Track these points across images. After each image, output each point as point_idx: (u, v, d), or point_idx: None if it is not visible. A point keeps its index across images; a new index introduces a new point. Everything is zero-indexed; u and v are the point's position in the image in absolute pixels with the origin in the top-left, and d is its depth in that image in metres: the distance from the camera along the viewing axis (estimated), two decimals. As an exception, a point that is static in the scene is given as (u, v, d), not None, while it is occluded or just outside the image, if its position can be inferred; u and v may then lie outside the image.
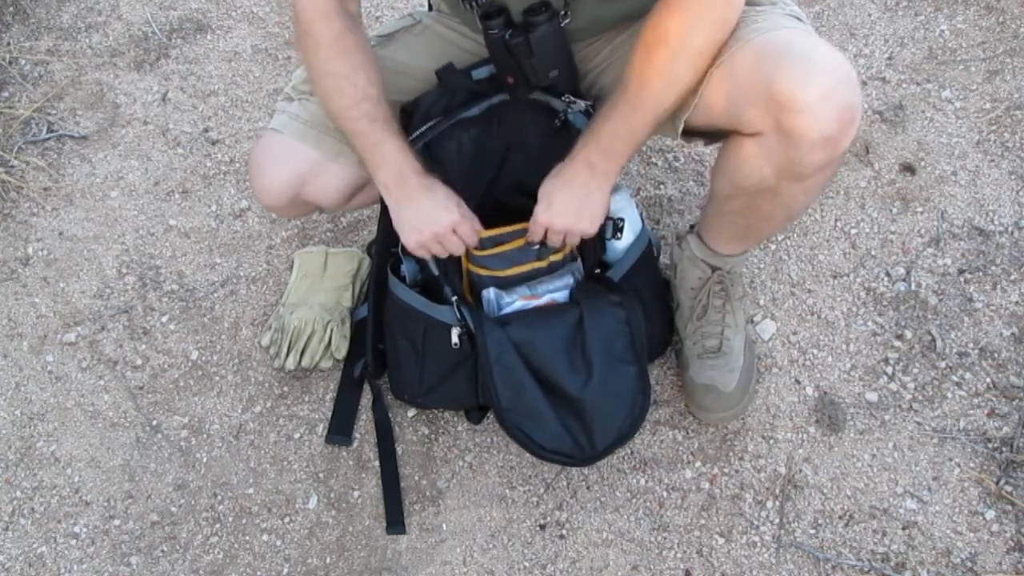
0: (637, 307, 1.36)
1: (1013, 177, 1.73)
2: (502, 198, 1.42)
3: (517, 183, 1.41)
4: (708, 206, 1.40)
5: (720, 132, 1.23)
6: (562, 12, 1.24)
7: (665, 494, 1.45)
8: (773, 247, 1.68)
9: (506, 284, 1.38)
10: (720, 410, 1.46)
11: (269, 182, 1.37)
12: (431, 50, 1.39)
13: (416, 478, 1.50)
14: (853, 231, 1.69)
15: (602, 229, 1.36)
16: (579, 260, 1.41)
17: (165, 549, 1.46)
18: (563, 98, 1.34)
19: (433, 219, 1.29)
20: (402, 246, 1.42)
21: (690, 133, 1.25)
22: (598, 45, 1.37)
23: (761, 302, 1.62)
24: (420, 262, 1.42)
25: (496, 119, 1.36)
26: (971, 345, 1.54)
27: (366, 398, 1.57)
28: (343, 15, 1.24)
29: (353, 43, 1.26)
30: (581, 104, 1.33)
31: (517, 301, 1.36)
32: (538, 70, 1.28)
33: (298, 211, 1.48)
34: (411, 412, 1.56)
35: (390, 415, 1.53)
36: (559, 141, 1.31)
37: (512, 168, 1.41)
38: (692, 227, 1.48)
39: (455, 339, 1.35)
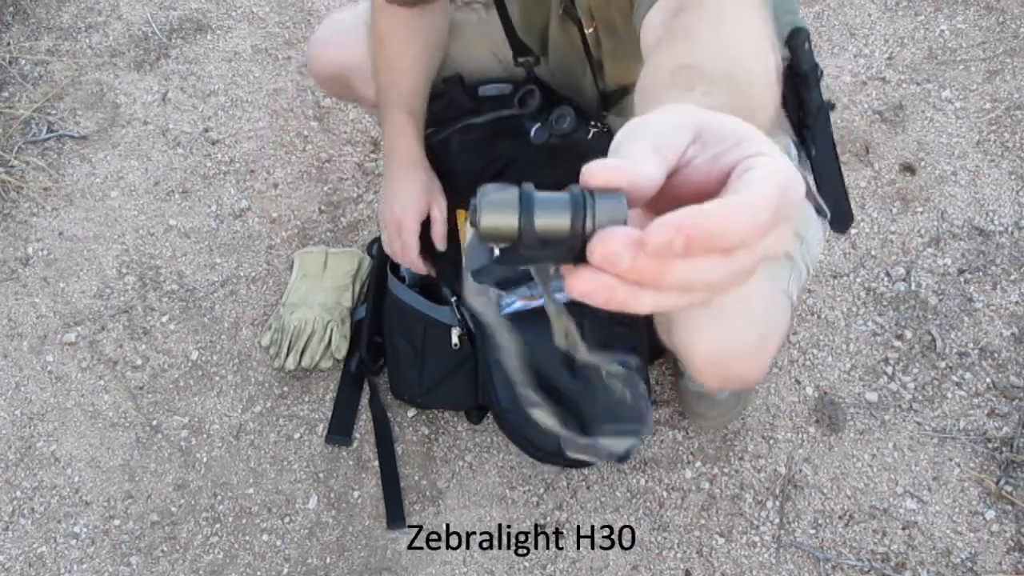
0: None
1: (1013, 177, 1.73)
2: None
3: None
4: None
5: None
6: (592, 123, 1.23)
7: (665, 494, 1.45)
8: (773, 247, 1.68)
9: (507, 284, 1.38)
10: (715, 416, 1.46)
11: (323, 52, 1.37)
12: (478, 41, 1.36)
13: (416, 478, 1.50)
14: (853, 231, 1.69)
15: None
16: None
17: (165, 549, 1.46)
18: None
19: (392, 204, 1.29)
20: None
21: None
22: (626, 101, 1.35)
23: (761, 302, 1.62)
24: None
25: (501, 131, 1.35)
26: (971, 345, 1.54)
27: (366, 398, 1.57)
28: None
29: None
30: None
31: (517, 302, 1.36)
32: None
33: (338, 88, 1.45)
34: (411, 412, 1.56)
35: (389, 415, 1.53)
36: (559, 153, 1.29)
37: (509, 178, 1.40)
38: None
39: (455, 339, 1.36)
